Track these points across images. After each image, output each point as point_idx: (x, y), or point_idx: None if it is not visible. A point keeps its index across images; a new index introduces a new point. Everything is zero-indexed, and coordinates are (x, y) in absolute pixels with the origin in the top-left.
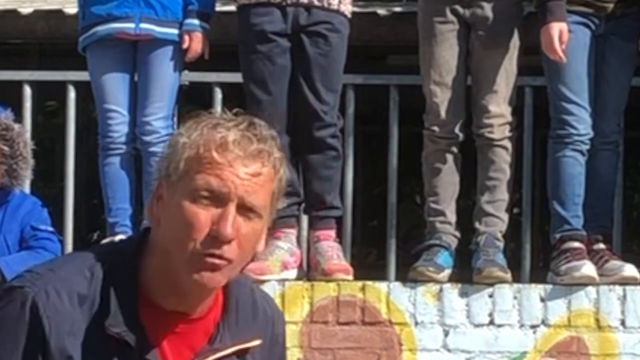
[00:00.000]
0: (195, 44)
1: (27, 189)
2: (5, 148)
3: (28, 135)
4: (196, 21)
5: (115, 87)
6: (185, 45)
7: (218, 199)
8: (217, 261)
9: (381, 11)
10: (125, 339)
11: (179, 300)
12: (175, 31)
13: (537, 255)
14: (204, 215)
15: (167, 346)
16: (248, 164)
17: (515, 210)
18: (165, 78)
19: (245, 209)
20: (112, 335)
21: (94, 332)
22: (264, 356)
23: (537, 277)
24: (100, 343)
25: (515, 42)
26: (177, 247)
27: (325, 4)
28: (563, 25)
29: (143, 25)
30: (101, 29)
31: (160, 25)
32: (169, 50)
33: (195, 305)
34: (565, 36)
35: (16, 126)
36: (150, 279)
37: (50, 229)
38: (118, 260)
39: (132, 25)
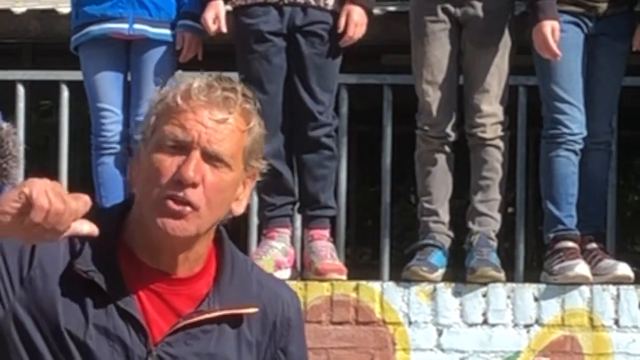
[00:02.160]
0: (189, 45)
1: None
2: None
3: (21, 134)
4: (189, 22)
5: (109, 86)
6: (178, 47)
7: (183, 148)
8: (178, 207)
9: (375, 10)
10: (93, 278)
11: (155, 255)
12: (169, 32)
13: (531, 255)
14: (168, 161)
15: (149, 303)
16: (212, 110)
17: (510, 210)
18: (159, 78)
19: (210, 158)
20: (80, 275)
21: (67, 272)
22: (274, 336)
23: (531, 276)
24: (72, 283)
25: (506, 41)
26: (144, 195)
27: (322, 4)
28: (555, 24)
29: (137, 26)
30: (95, 28)
31: (154, 26)
32: (162, 50)
33: (173, 262)
34: (557, 34)
35: (5, 125)
36: (130, 235)
37: None
38: (105, 216)
39: (125, 25)
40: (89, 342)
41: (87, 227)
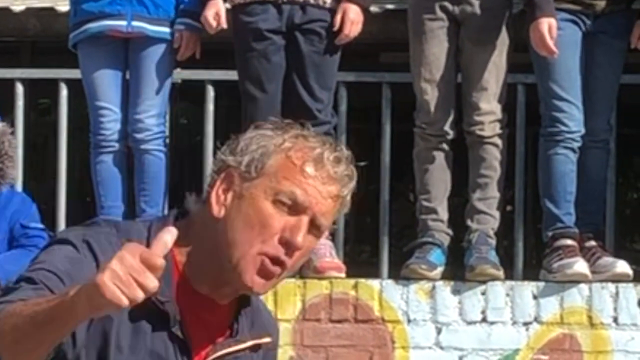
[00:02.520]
0: (187, 43)
1: (19, 186)
2: None
3: (20, 132)
4: (188, 20)
5: (107, 84)
6: (176, 45)
7: (296, 209)
8: (274, 268)
9: (373, 8)
10: (167, 308)
11: (213, 289)
12: (167, 29)
13: (530, 253)
14: (280, 220)
15: (192, 328)
16: (333, 184)
17: (509, 208)
18: (157, 76)
19: (313, 226)
20: (155, 303)
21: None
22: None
23: (530, 274)
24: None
25: (504, 38)
26: (243, 242)
27: (320, 2)
28: (552, 21)
29: (135, 23)
30: (93, 26)
31: (152, 23)
32: (160, 48)
33: (227, 297)
34: (554, 31)
35: (0, 125)
36: (188, 263)
37: (40, 225)
38: (152, 235)
39: (124, 23)
40: None
41: (168, 237)
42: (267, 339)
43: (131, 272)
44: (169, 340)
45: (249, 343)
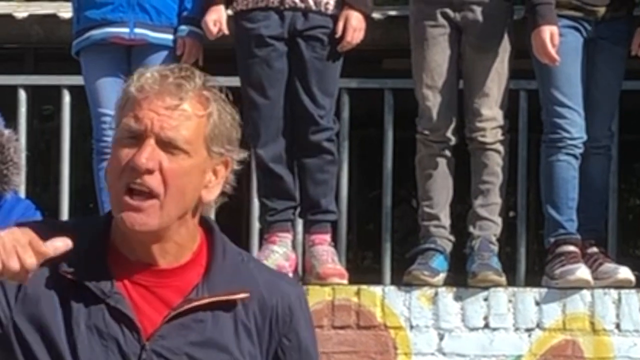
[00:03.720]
0: (190, 49)
1: (22, 193)
2: None
3: (23, 139)
4: (190, 27)
5: (110, 91)
6: (179, 52)
7: (138, 138)
8: (135, 202)
9: (376, 15)
10: (80, 280)
11: (131, 248)
12: (170, 36)
13: (532, 259)
14: (125, 152)
15: (139, 298)
16: (164, 98)
17: (511, 214)
18: None
19: (166, 145)
20: (66, 277)
21: (53, 277)
22: (276, 324)
23: (533, 280)
24: (59, 287)
25: (506, 45)
26: (110, 189)
27: (322, 9)
28: (554, 29)
29: (137, 30)
30: (95, 33)
31: (155, 30)
32: (163, 55)
33: (149, 254)
34: (556, 39)
35: (6, 131)
36: (114, 234)
37: None
38: (96, 220)
39: (126, 30)
40: (81, 343)
41: (60, 244)
42: (239, 296)
43: (16, 245)
44: (108, 313)
45: (205, 300)
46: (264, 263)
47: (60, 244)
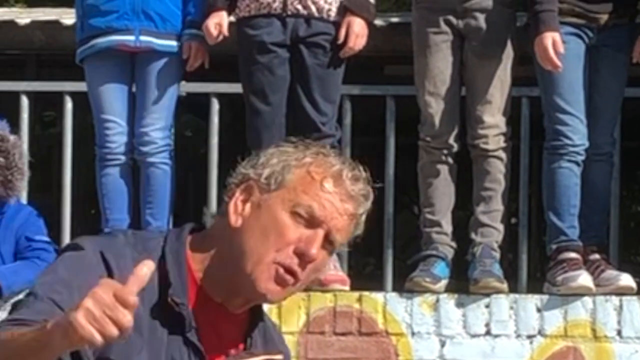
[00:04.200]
0: (196, 53)
1: (24, 199)
2: (0, 159)
3: (25, 146)
4: (195, 31)
5: (113, 97)
6: (185, 56)
7: (312, 223)
8: (288, 277)
9: (378, 21)
10: (182, 312)
11: (229, 296)
12: (174, 43)
13: (534, 266)
14: (296, 231)
15: (206, 335)
16: (351, 202)
17: (513, 221)
18: (164, 89)
19: (327, 241)
20: (170, 304)
21: (154, 298)
22: None
23: (536, 287)
24: (156, 308)
25: (509, 52)
26: (259, 250)
27: (325, 15)
28: (556, 35)
29: (143, 38)
30: (101, 41)
31: (160, 37)
32: (167, 61)
33: (240, 307)
34: (558, 45)
35: (11, 137)
36: (204, 271)
37: (46, 238)
38: (168, 243)
39: (132, 37)
40: None
41: (145, 271)
42: (279, 356)
43: (104, 309)
44: (183, 345)
45: (262, 357)
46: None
47: (145, 271)
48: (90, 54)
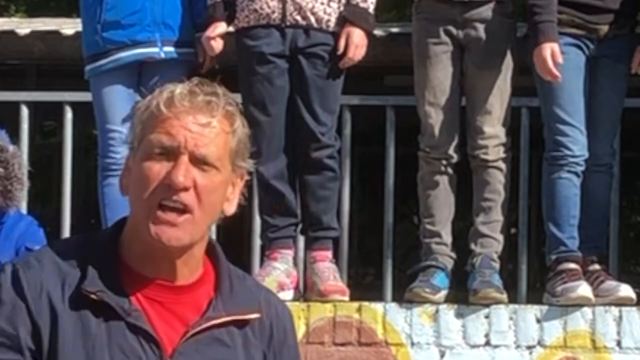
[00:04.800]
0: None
1: (24, 209)
2: (0, 169)
3: (25, 156)
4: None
5: (119, 107)
6: (201, 59)
7: (170, 154)
8: (170, 217)
9: (378, 32)
10: (104, 299)
11: (153, 264)
12: (189, 50)
13: (534, 276)
14: (157, 167)
15: (156, 315)
16: (196, 115)
17: (513, 231)
18: None
19: (198, 162)
20: (89, 297)
21: (74, 296)
22: (271, 342)
23: (536, 297)
24: (80, 306)
25: (509, 62)
26: (136, 204)
27: (324, 26)
28: (554, 46)
29: (166, 49)
30: (125, 55)
31: (179, 46)
32: (173, 69)
33: (172, 270)
34: (557, 56)
35: (11, 147)
36: (127, 249)
37: None
38: (99, 238)
39: (156, 49)
40: None
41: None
42: (253, 315)
43: None
44: (129, 331)
45: (224, 319)
46: (256, 279)
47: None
48: (114, 67)
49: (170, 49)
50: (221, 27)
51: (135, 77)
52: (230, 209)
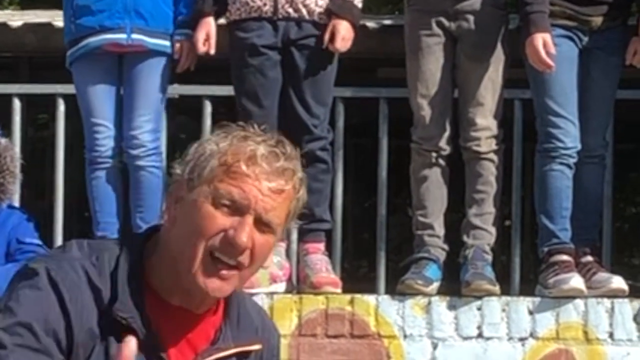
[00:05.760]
0: (187, 53)
1: (17, 202)
2: None
3: (17, 149)
4: (187, 31)
5: (102, 100)
6: (177, 56)
7: (238, 210)
8: (225, 272)
9: (370, 24)
10: (132, 325)
11: (183, 298)
12: (165, 42)
13: (528, 268)
14: (221, 219)
15: (169, 341)
16: (272, 179)
17: (507, 223)
18: (152, 91)
19: (261, 224)
20: (118, 320)
21: (102, 315)
22: None
23: (529, 290)
24: (106, 327)
25: (501, 54)
26: (190, 246)
27: (316, 18)
28: (546, 36)
29: (135, 36)
30: (92, 40)
31: (152, 36)
32: (155, 62)
33: (200, 305)
34: (549, 47)
35: (3, 140)
36: (156, 274)
37: (37, 241)
38: (124, 252)
39: (124, 36)
40: None
41: (131, 348)
42: (256, 346)
43: None
44: (144, 356)
45: (232, 350)
46: (251, 299)
47: (128, 350)
48: (81, 54)
49: (140, 37)
50: (210, 26)
51: (116, 70)
52: (268, 262)
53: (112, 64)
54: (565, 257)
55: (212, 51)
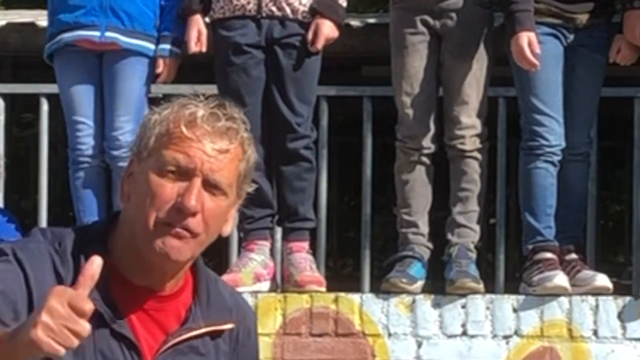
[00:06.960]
0: (170, 69)
1: (0, 201)
2: None
3: (1, 146)
4: (169, 46)
5: (83, 98)
6: (159, 70)
7: (184, 174)
8: (180, 230)
9: (354, 22)
10: (99, 309)
11: (145, 274)
12: (144, 43)
13: (513, 266)
14: (169, 187)
15: (138, 323)
16: (215, 140)
17: (492, 221)
18: (132, 91)
19: (210, 186)
20: None
21: None
22: (237, 347)
23: (514, 287)
24: None
25: (485, 52)
26: (142, 217)
27: (300, 17)
28: (531, 35)
29: (108, 34)
30: (67, 35)
31: (127, 35)
32: (134, 62)
33: (162, 281)
34: (534, 45)
35: None
36: (118, 255)
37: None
38: (86, 237)
39: (97, 33)
40: None
41: (93, 269)
42: (228, 325)
43: (62, 321)
44: (112, 338)
45: (202, 330)
46: (222, 280)
47: (94, 267)
48: (57, 49)
49: (114, 35)
50: (199, 24)
51: (97, 69)
52: (228, 229)
53: (93, 63)
54: (549, 255)
55: (204, 49)
